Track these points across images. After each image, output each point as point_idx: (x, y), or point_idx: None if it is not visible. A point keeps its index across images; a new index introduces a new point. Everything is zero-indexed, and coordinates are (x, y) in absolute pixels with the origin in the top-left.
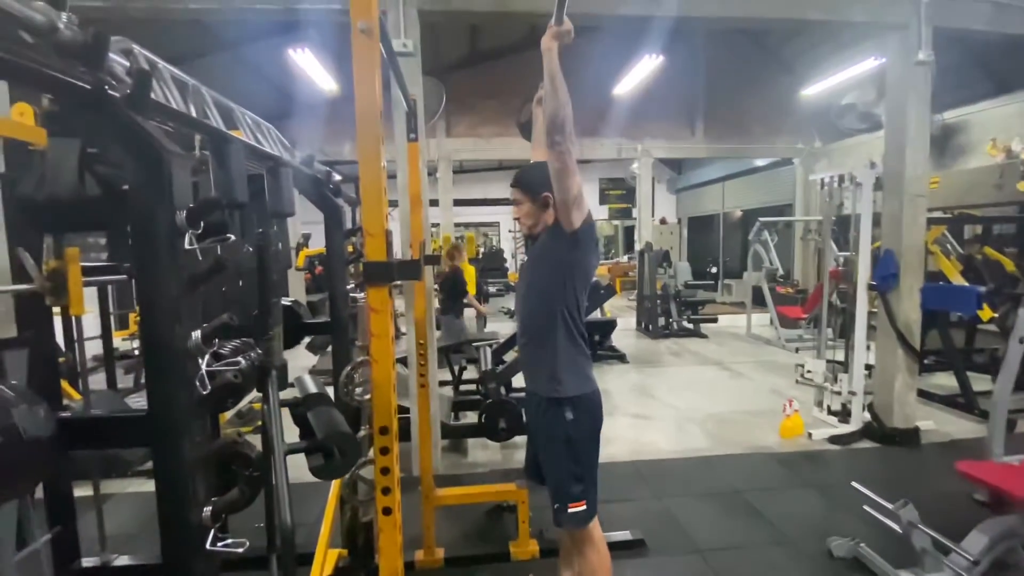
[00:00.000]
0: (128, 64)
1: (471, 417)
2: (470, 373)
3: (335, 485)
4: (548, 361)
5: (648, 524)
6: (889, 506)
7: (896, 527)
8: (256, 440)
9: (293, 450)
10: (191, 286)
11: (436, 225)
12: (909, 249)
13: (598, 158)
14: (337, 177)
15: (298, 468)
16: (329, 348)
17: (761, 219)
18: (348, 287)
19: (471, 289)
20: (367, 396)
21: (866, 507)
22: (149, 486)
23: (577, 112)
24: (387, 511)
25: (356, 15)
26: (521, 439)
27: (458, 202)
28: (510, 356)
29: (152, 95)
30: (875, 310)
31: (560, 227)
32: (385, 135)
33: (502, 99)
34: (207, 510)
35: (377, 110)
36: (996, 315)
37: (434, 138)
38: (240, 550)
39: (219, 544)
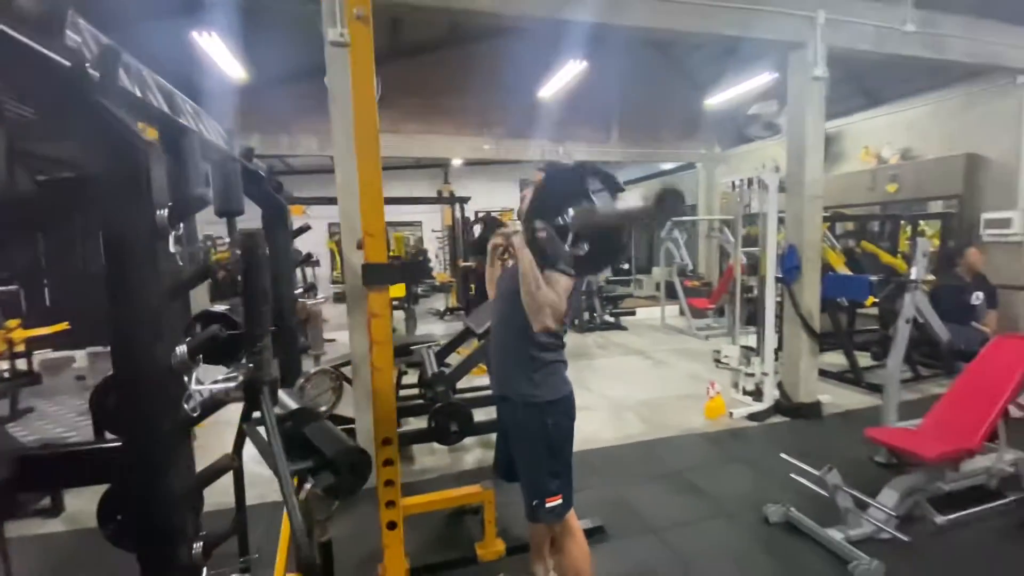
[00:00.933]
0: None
1: (415, 423)
2: (408, 378)
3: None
4: (529, 370)
5: (604, 511)
6: (816, 472)
7: (821, 491)
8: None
9: (300, 470)
10: (173, 294)
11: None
12: (809, 245)
13: (523, 159)
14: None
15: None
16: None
17: (672, 219)
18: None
19: (400, 291)
20: (323, 408)
21: (792, 475)
22: (52, 526)
23: (504, 114)
24: (392, 526)
25: (351, 2)
26: (469, 441)
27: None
28: (452, 359)
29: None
30: (779, 299)
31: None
32: (322, 129)
33: (424, 96)
34: (197, 546)
35: (374, 103)
36: (877, 300)
37: None
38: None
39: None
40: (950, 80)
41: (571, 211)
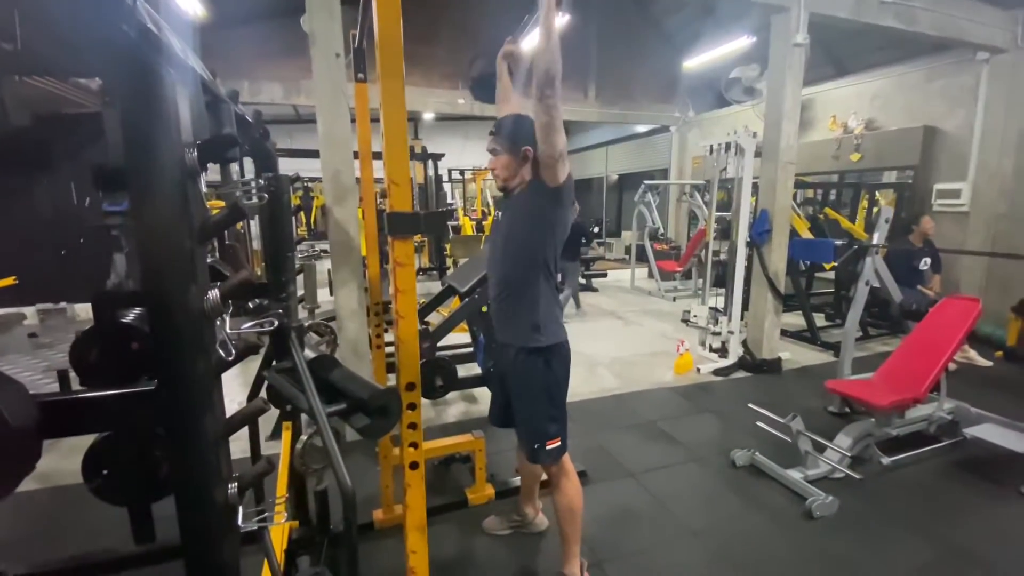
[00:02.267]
0: None
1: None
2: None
3: (284, 456)
4: (528, 313)
5: (586, 458)
6: (781, 420)
7: (784, 437)
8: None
9: (336, 412)
10: (205, 236)
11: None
12: (780, 210)
13: (497, 115)
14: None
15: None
16: None
17: (646, 182)
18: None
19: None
20: None
21: (758, 423)
22: (24, 485)
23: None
24: (414, 465)
25: None
26: (452, 396)
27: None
28: (433, 317)
29: None
30: (746, 262)
31: (542, 183)
32: (288, 75)
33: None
34: (233, 487)
35: (400, 44)
36: (836, 264)
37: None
38: (276, 523)
39: (255, 520)
40: (914, 54)
41: None
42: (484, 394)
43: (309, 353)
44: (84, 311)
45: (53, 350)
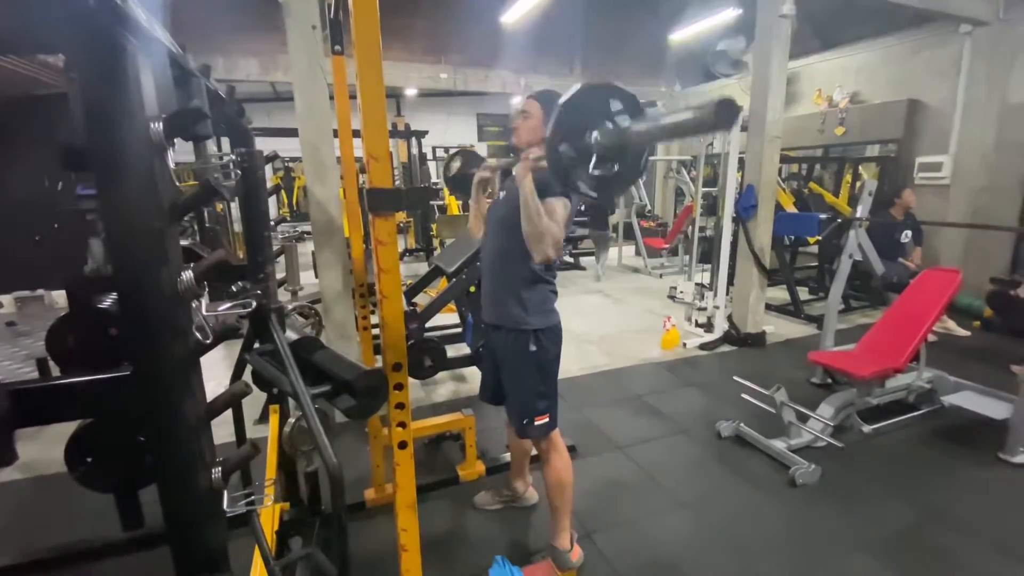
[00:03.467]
0: None
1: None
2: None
3: (272, 438)
4: (523, 298)
5: (575, 433)
6: (765, 392)
7: (769, 408)
8: None
9: (320, 393)
10: (175, 215)
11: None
12: (766, 184)
13: (483, 91)
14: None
15: None
16: None
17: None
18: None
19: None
20: None
21: (743, 395)
22: (6, 475)
23: (462, 40)
24: (403, 445)
25: None
26: (442, 376)
27: None
28: (421, 298)
29: None
30: (732, 237)
31: (550, 184)
32: (264, 50)
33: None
34: (217, 471)
35: (376, 18)
36: (820, 239)
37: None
38: (264, 506)
39: (242, 503)
40: (898, 27)
41: (596, 133)
42: (473, 374)
43: (291, 335)
44: (62, 298)
45: (32, 338)
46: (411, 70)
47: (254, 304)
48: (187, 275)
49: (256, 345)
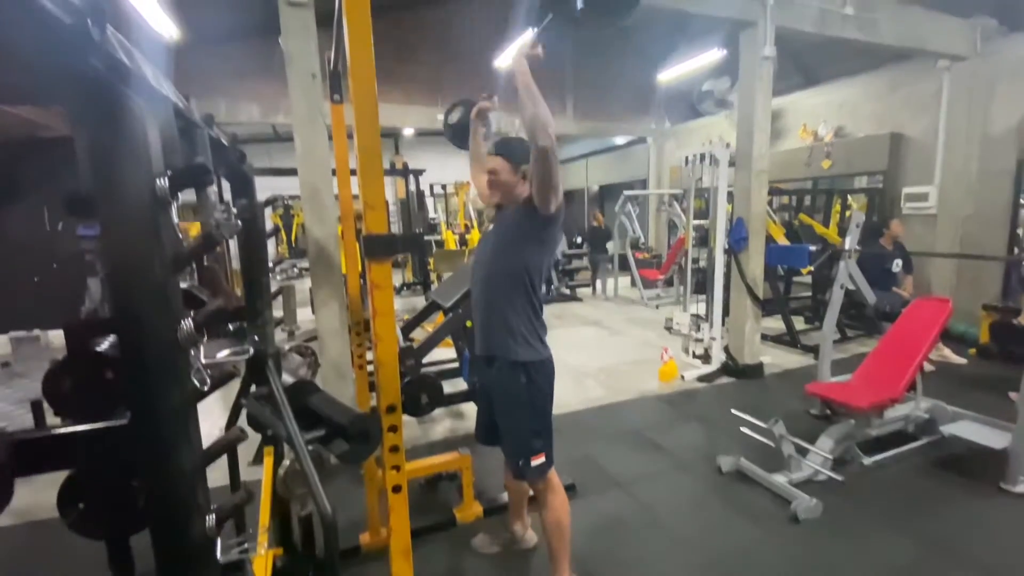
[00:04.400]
0: None
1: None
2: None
3: (266, 481)
4: (513, 329)
5: (574, 470)
6: (763, 425)
7: (768, 442)
8: None
9: (315, 439)
10: (177, 266)
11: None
12: (755, 217)
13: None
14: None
15: None
16: None
17: (626, 192)
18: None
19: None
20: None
21: (742, 428)
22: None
23: (458, 83)
24: (397, 489)
25: None
26: (439, 412)
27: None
28: (418, 333)
29: None
30: (725, 268)
31: (534, 209)
32: (266, 94)
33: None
34: (211, 519)
35: (373, 74)
36: (812, 269)
37: None
38: (256, 554)
39: (235, 551)
40: (878, 63)
41: None
42: (471, 410)
43: (287, 378)
44: (58, 338)
45: (27, 379)
46: (409, 112)
47: (252, 351)
48: (187, 324)
49: (252, 388)
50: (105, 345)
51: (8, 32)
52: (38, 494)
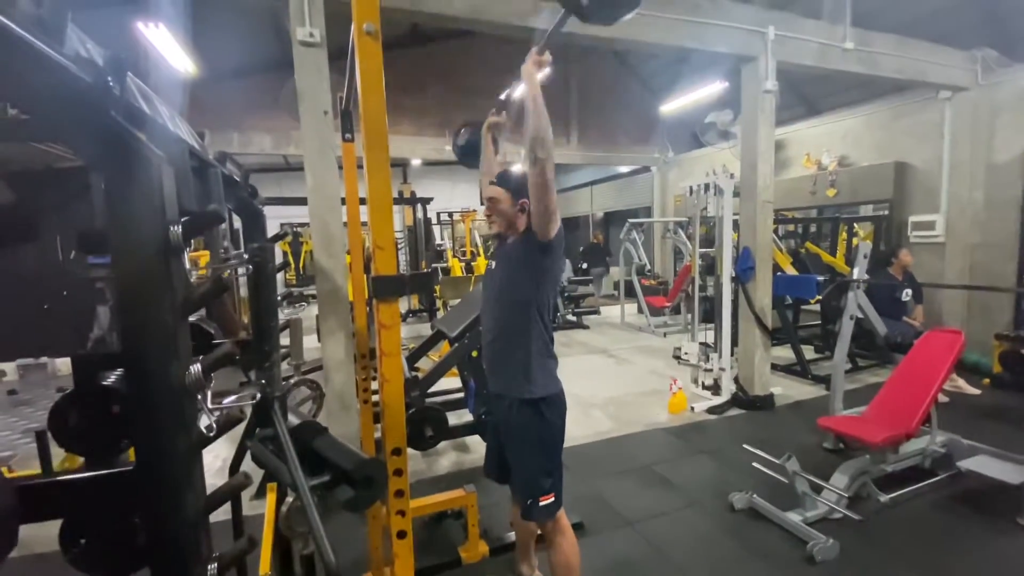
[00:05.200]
0: None
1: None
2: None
3: (269, 518)
4: (522, 363)
5: (582, 507)
6: (776, 461)
7: (781, 478)
8: None
9: (319, 484)
10: (187, 311)
11: (305, 225)
12: (761, 246)
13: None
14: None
15: None
16: None
17: (631, 220)
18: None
19: None
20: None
21: (754, 464)
22: None
23: (465, 115)
24: (402, 535)
25: (360, 17)
26: (443, 445)
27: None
28: (424, 362)
29: None
30: (732, 297)
31: (534, 235)
32: (277, 127)
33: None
34: (212, 567)
35: (384, 117)
36: (820, 298)
37: None
38: None
39: None
40: (880, 93)
41: None
42: (476, 443)
43: (293, 419)
44: (65, 366)
45: (33, 407)
46: (418, 143)
47: (258, 395)
48: (195, 368)
49: (258, 430)
50: (112, 379)
51: (35, 88)
52: (40, 528)
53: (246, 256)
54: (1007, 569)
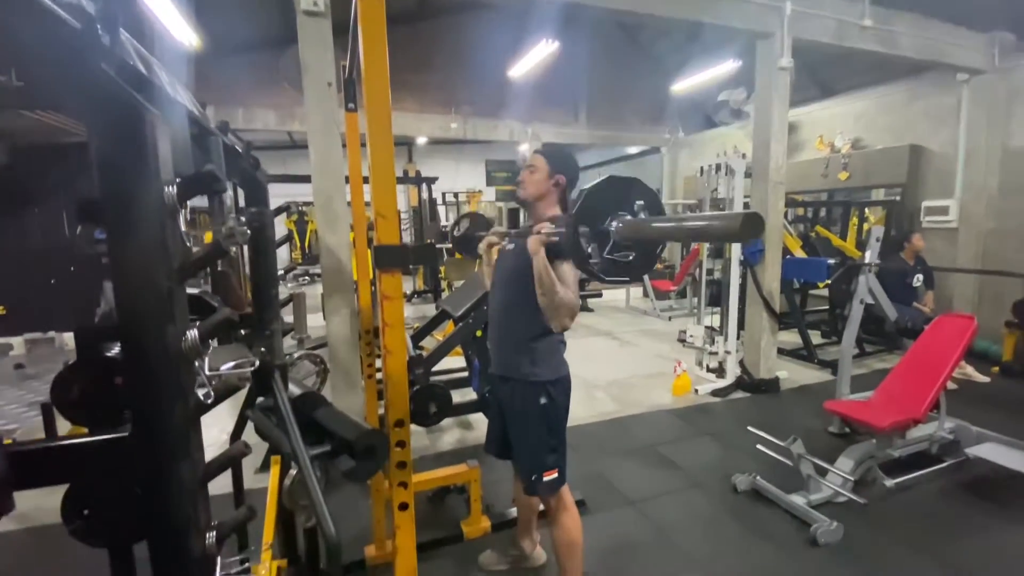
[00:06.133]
0: None
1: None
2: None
3: (272, 491)
4: (531, 349)
5: (584, 486)
6: (781, 443)
7: (786, 460)
8: None
9: (320, 454)
10: (183, 275)
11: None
12: (772, 229)
13: (491, 139)
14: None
15: None
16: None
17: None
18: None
19: None
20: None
21: (758, 446)
22: (2, 526)
23: (471, 92)
24: (403, 506)
25: None
26: (447, 422)
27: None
28: (428, 341)
29: None
30: (740, 281)
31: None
32: (282, 102)
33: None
34: (211, 536)
35: (387, 83)
36: (829, 283)
37: None
38: (260, 565)
39: (235, 570)
40: (895, 75)
41: (617, 222)
42: (480, 420)
43: (294, 390)
44: (72, 340)
45: (39, 381)
46: (423, 120)
47: (257, 363)
48: (192, 334)
49: (259, 400)
50: (115, 350)
51: (20, 36)
52: (41, 499)
53: (243, 220)
54: (1013, 556)
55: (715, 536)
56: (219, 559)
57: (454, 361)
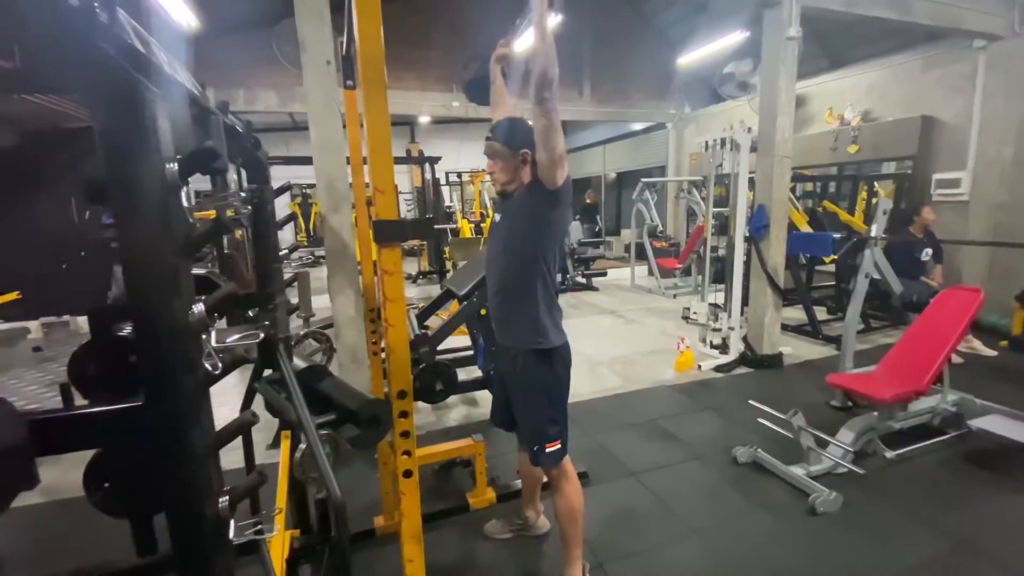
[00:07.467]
0: None
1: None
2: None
3: (283, 464)
4: (528, 315)
5: (587, 458)
6: (782, 416)
7: (787, 433)
8: None
9: (326, 423)
10: (188, 251)
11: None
12: (777, 204)
13: (494, 118)
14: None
15: None
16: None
17: (644, 180)
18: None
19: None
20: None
21: (760, 419)
22: (27, 499)
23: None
24: (408, 474)
25: None
26: (453, 400)
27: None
28: (433, 321)
29: None
30: (745, 257)
31: (541, 184)
32: (283, 83)
33: (387, 46)
34: (224, 500)
35: (382, 56)
36: (836, 257)
37: None
38: (269, 535)
39: (248, 532)
40: (909, 43)
41: None
42: (485, 397)
43: (299, 363)
44: (87, 323)
45: (57, 363)
46: (424, 99)
47: (262, 335)
48: (198, 308)
49: (266, 373)
50: (127, 330)
51: (17, 16)
52: (66, 473)
53: (243, 195)
54: (1013, 525)
55: (715, 506)
56: (232, 522)
57: (460, 340)
